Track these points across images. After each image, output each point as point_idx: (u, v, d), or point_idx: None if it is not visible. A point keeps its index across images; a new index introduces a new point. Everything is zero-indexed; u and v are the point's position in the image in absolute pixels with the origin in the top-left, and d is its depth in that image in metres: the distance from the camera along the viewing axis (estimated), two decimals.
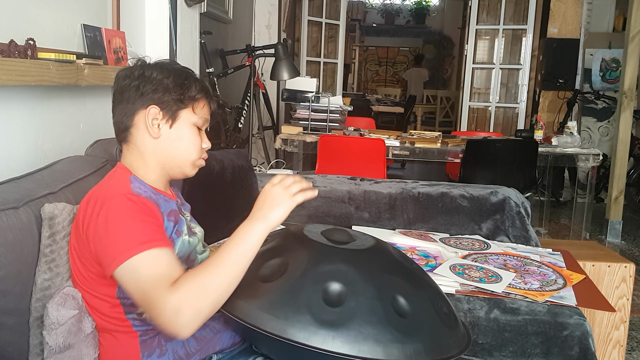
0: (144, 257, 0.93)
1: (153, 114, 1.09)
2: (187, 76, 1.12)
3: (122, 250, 0.93)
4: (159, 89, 1.09)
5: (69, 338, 1.01)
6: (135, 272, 0.92)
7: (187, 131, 1.12)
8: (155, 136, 1.09)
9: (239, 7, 4.38)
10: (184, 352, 1.07)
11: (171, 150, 1.11)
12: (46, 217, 1.04)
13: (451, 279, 1.53)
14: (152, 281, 0.91)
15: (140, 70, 1.10)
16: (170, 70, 1.11)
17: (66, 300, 1.02)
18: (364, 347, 0.89)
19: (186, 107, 1.11)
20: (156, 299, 0.89)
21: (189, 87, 1.11)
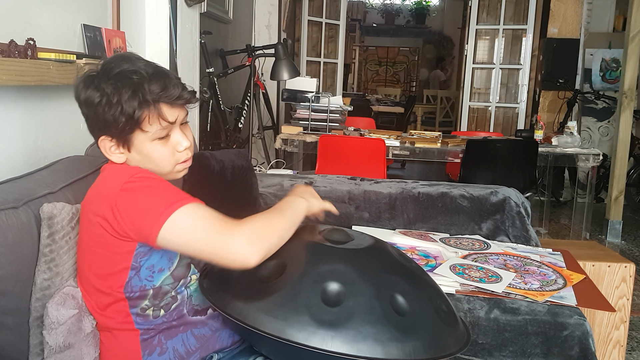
0: (189, 209, 0.97)
1: (107, 145, 1.05)
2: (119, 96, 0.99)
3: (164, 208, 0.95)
4: (97, 118, 1.01)
5: (69, 337, 1.01)
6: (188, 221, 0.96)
7: (148, 149, 1.05)
8: (120, 161, 1.07)
9: (239, 7, 4.38)
10: (184, 351, 1.07)
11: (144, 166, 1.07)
12: (45, 217, 1.04)
13: (451, 279, 1.53)
14: (215, 220, 0.96)
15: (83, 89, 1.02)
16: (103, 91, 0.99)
17: (66, 300, 1.02)
18: (363, 347, 0.89)
19: (134, 130, 1.02)
20: (226, 232, 0.95)
21: (123, 111, 0.99)
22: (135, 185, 0.99)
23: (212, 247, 0.95)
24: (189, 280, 1.10)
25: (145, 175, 1.02)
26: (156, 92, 1.01)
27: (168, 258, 1.05)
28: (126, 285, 1.02)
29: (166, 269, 1.05)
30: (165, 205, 0.96)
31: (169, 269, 1.05)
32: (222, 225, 0.96)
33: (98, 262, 1.03)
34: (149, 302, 1.05)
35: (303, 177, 2.22)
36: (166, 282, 1.05)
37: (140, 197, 0.98)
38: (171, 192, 0.99)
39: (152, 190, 0.99)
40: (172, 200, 0.97)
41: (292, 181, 2.17)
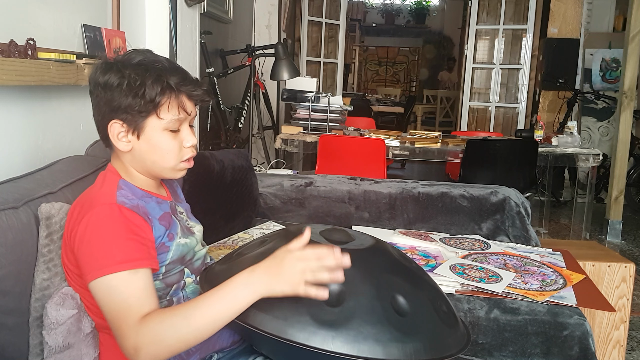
0: (119, 278, 0.92)
1: (116, 129, 1.03)
2: (142, 78, 0.99)
3: (99, 266, 0.92)
4: (114, 101, 1.00)
5: (69, 338, 1.01)
6: (108, 290, 0.92)
7: (157, 139, 1.03)
8: (125, 150, 1.04)
9: (239, 7, 4.38)
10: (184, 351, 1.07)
11: (146, 160, 1.05)
12: (43, 217, 1.04)
13: (451, 279, 1.53)
14: (122, 308, 0.91)
15: (97, 73, 1.02)
16: (124, 74, 0.99)
17: (65, 300, 1.02)
18: (363, 347, 0.89)
19: (149, 115, 1.01)
20: (121, 328, 0.90)
21: (144, 94, 0.99)
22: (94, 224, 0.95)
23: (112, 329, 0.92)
24: (183, 284, 1.10)
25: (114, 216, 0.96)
26: (178, 81, 1.02)
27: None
28: None
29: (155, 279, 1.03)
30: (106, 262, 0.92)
31: (158, 278, 1.04)
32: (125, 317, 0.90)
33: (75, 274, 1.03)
34: None
35: (303, 177, 2.22)
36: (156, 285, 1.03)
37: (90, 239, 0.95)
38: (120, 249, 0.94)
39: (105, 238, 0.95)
40: (115, 260, 0.92)
41: (292, 181, 2.17)
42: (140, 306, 0.91)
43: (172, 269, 1.07)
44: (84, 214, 0.97)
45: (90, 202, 1.00)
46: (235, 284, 0.90)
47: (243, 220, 1.96)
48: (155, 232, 1.02)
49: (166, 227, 1.06)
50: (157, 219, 1.05)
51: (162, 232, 1.04)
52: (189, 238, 1.12)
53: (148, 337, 0.88)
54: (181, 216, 1.16)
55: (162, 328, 0.89)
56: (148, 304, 0.93)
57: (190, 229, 1.16)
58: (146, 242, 0.99)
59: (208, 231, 1.31)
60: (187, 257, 1.11)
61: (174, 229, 1.08)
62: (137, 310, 0.90)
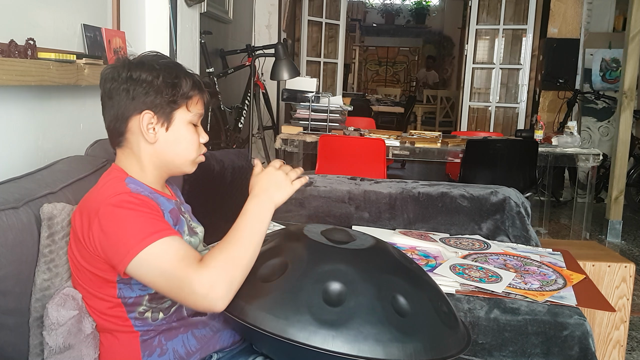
0: (159, 246, 0.93)
1: (147, 119, 1.05)
2: (177, 73, 1.07)
3: (134, 244, 0.93)
4: (150, 92, 1.04)
5: (69, 338, 1.01)
6: (155, 260, 0.93)
7: (183, 131, 1.09)
8: (152, 141, 1.07)
9: (239, 7, 4.38)
10: (184, 352, 1.07)
11: (170, 152, 1.09)
12: (45, 217, 1.04)
13: (451, 279, 1.53)
14: (177, 264, 0.92)
15: (127, 71, 1.05)
16: (159, 69, 1.05)
17: (66, 301, 1.02)
18: (364, 347, 0.89)
19: (180, 107, 1.08)
20: (186, 279, 0.90)
21: (180, 86, 1.06)
22: (112, 211, 0.96)
23: (175, 290, 0.92)
24: None
25: (126, 199, 0.98)
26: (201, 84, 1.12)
27: None
28: (118, 294, 1.02)
29: None
30: (137, 239, 0.93)
31: None
32: (185, 267, 0.92)
33: (85, 275, 1.03)
34: (146, 306, 1.04)
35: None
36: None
37: (114, 225, 0.95)
38: (146, 223, 0.96)
39: (127, 218, 0.96)
40: (145, 233, 0.94)
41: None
42: (192, 255, 0.94)
43: None
44: (96, 213, 0.97)
45: (100, 198, 1.00)
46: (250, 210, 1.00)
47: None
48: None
49: (174, 222, 1.08)
50: (167, 212, 1.06)
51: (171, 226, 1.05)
52: (193, 237, 1.14)
53: (216, 267, 0.92)
54: (186, 216, 1.17)
55: (226, 252, 0.94)
56: (196, 253, 0.96)
57: (193, 229, 1.17)
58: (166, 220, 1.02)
59: (208, 231, 1.31)
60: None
61: (181, 227, 1.10)
62: (194, 256, 0.94)
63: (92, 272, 1.01)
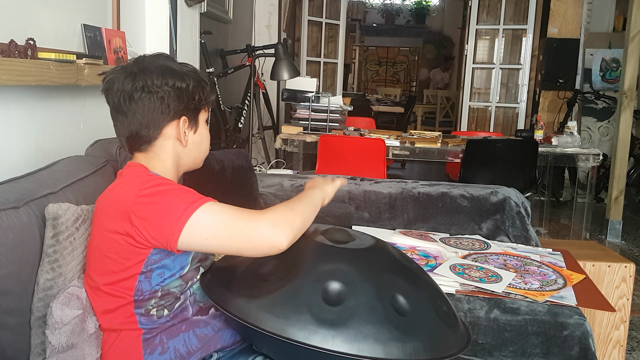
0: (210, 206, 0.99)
1: (184, 126, 1.11)
2: (197, 77, 1.12)
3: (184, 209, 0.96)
4: (183, 99, 1.09)
5: (72, 338, 1.01)
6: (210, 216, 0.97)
7: (204, 130, 1.17)
8: (185, 145, 1.13)
9: (239, 7, 4.38)
10: (185, 350, 1.07)
11: (194, 152, 1.16)
12: (50, 217, 1.04)
13: (451, 278, 1.53)
14: (238, 212, 0.99)
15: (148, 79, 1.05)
16: (183, 75, 1.09)
17: (70, 300, 1.02)
18: (363, 346, 0.89)
19: (203, 109, 1.15)
20: (252, 221, 0.97)
21: (204, 89, 1.13)
22: (150, 192, 0.99)
23: (240, 237, 0.97)
24: (195, 281, 1.12)
25: (158, 181, 1.03)
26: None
27: (179, 264, 1.06)
28: (136, 290, 1.03)
29: (177, 274, 1.06)
30: (183, 208, 0.97)
31: (180, 274, 1.06)
32: (244, 214, 0.98)
33: (109, 267, 1.03)
34: (155, 302, 1.05)
35: (303, 177, 2.22)
36: (175, 284, 1.06)
37: (156, 204, 0.98)
38: (186, 194, 1.00)
39: (167, 195, 0.99)
40: (188, 202, 0.98)
41: (292, 181, 2.17)
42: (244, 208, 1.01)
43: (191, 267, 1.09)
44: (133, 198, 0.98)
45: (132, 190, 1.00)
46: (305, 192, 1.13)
47: None
48: None
49: None
50: None
51: None
52: None
53: (281, 209, 1.01)
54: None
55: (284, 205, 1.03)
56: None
57: None
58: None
59: None
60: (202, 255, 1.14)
61: None
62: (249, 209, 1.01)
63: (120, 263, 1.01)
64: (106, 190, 1.08)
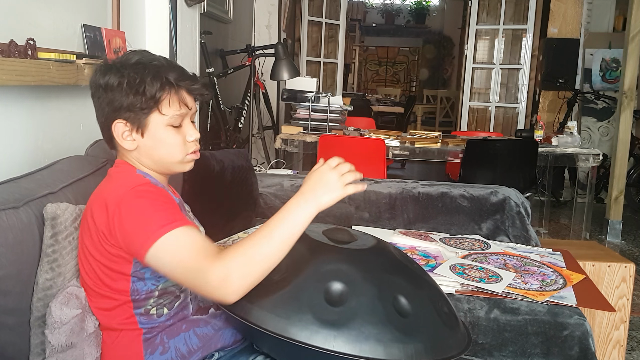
0: (177, 234, 0.94)
1: (120, 129, 1.05)
2: (141, 76, 1.02)
3: (154, 230, 0.93)
4: (115, 101, 1.02)
5: (72, 337, 1.01)
6: (171, 249, 0.93)
7: (161, 134, 1.06)
8: (131, 148, 1.07)
9: (239, 7, 4.38)
10: (186, 350, 1.07)
11: (153, 155, 1.08)
12: (49, 217, 1.04)
13: (451, 279, 1.53)
14: (195, 252, 0.92)
15: (96, 75, 1.04)
16: (123, 72, 1.02)
17: (69, 300, 1.02)
18: (365, 347, 0.89)
19: (151, 112, 1.04)
20: (202, 268, 0.90)
21: (145, 91, 1.01)
22: (131, 201, 0.97)
23: (191, 281, 0.92)
24: None
25: (146, 189, 1.00)
26: (176, 77, 1.05)
27: None
28: (132, 290, 1.03)
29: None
30: (158, 225, 0.94)
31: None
32: (199, 260, 0.91)
33: (99, 269, 1.03)
34: (154, 302, 1.05)
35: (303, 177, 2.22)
36: (172, 282, 1.06)
37: (135, 213, 0.96)
38: (166, 212, 0.96)
39: (148, 207, 0.97)
40: (165, 221, 0.94)
41: (292, 181, 2.17)
42: (210, 247, 0.94)
43: None
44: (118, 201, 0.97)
45: (119, 190, 1.00)
46: (291, 209, 0.95)
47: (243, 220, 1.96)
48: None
49: None
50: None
51: None
52: None
53: (236, 260, 0.90)
54: (189, 214, 1.17)
55: (247, 248, 0.91)
56: (214, 245, 0.95)
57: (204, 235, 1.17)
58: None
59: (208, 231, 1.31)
60: None
61: None
62: (212, 248, 0.93)
63: (107, 266, 1.01)
64: (95, 190, 1.07)
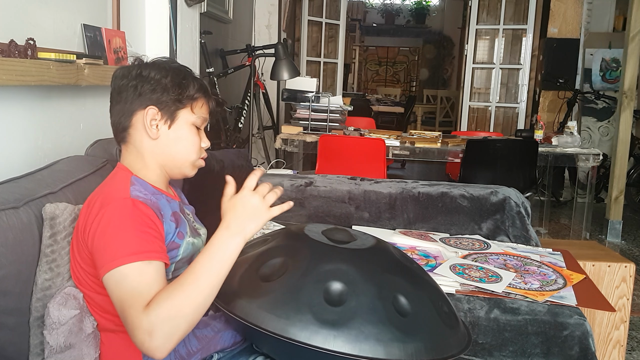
0: (132, 268, 0.91)
1: (151, 115, 1.08)
2: (185, 75, 1.11)
3: (112, 257, 0.92)
4: (157, 89, 1.08)
5: (70, 338, 1.01)
6: (121, 280, 0.91)
7: (185, 131, 1.11)
8: (153, 137, 1.09)
9: (239, 7, 4.38)
10: (185, 352, 1.07)
11: (170, 151, 1.11)
12: (47, 217, 1.04)
13: (451, 278, 1.53)
14: (131, 297, 0.89)
15: (138, 69, 1.09)
16: (168, 69, 1.10)
17: (67, 300, 1.02)
18: (365, 347, 0.89)
19: (184, 107, 1.10)
20: (131, 318, 0.88)
21: (187, 86, 1.10)
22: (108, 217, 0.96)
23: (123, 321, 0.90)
24: None
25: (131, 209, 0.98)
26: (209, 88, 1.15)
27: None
28: None
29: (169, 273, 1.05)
30: (116, 254, 0.92)
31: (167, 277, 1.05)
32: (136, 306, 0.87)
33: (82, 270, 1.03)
34: None
35: (303, 176, 2.22)
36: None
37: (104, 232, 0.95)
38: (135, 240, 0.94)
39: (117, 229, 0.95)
40: (129, 251, 0.92)
41: (292, 181, 2.17)
42: (149, 293, 0.89)
43: (180, 268, 1.08)
44: (98, 211, 0.98)
45: (103, 199, 1.00)
46: (217, 246, 0.93)
47: None
48: (165, 229, 1.04)
49: (176, 225, 1.08)
50: (168, 216, 1.07)
51: (172, 230, 1.06)
52: (196, 239, 1.14)
53: (162, 313, 0.86)
54: (189, 217, 1.17)
55: (173, 299, 0.88)
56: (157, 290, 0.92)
57: (196, 231, 1.17)
58: (159, 237, 1.00)
59: (208, 231, 1.31)
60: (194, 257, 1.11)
61: (184, 228, 1.10)
62: (145, 298, 0.89)
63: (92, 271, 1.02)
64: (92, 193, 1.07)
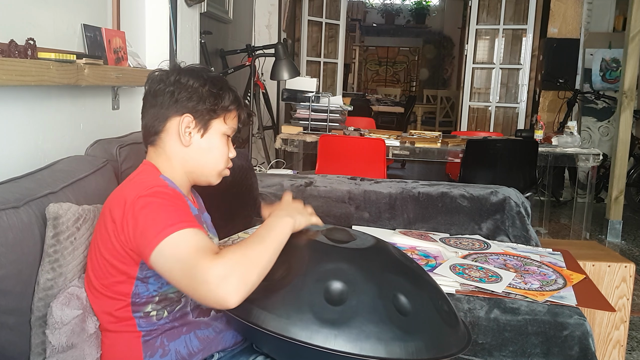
0: (180, 235, 0.94)
1: (187, 123, 1.11)
2: (222, 85, 1.14)
3: (160, 230, 0.94)
4: (193, 97, 1.10)
5: (72, 338, 1.01)
6: (174, 249, 0.92)
7: (217, 141, 1.15)
8: (185, 144, 1.12)
9: (239, 7, 4.38)
10: (186, 352, 1.07)
11: (200, 159, 1.14)
12: (50, 217, 1.04)
13: (451, 278, 1.53)
14: (194, 253, 0.91)
15: (176, 75, 1.11)
16: (206, 79, 1.12)
17: (70, 300, 1.02)
18: (365, 346, 0.89)
19: (218, 117, 1.14)
20: (201, 269, 0.88)
21: (222, 97, 1.13)
22: (147, 200, 0.98)
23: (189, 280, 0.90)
24: None
25: (161, 191, 1.01)
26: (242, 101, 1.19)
27: None
28: (133, 293, 1.03)
29: None
30: (163, 226, 0.94)
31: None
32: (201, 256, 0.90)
33: (105, 269, 1.03)
34: (152, 307, 1.05)
35: (303, 177, 2.22)
36: (172, 290, 1.06)
37: (145, 214, 0.97)
38: (173, 213, 0.97)
39: (158, 208, 0.98)
40: (170, 222, 0.94)
41: (292, 181, 2.17)
42: (210, 247, 0.93)
43: None
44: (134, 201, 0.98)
45: (136, 190, 1.01)
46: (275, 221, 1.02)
47: (243, 220, 1.96)
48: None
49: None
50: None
51: None
52: None
53: (235, 257, 0.90)
54: (204, 226, 1.18)
55: (244, 249, 0.93)
56: (215, 247, 0.95)
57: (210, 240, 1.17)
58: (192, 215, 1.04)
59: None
60: None
61: None
62: (209, 250, 0.92)
63: (113, 266, 1.02)
64: (117, 187, 1.09)
